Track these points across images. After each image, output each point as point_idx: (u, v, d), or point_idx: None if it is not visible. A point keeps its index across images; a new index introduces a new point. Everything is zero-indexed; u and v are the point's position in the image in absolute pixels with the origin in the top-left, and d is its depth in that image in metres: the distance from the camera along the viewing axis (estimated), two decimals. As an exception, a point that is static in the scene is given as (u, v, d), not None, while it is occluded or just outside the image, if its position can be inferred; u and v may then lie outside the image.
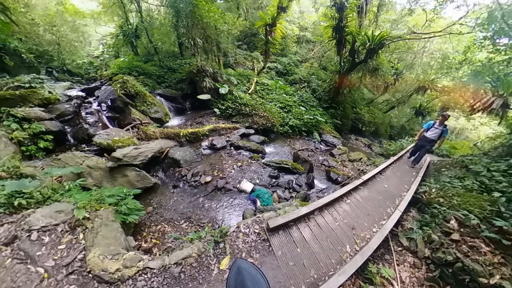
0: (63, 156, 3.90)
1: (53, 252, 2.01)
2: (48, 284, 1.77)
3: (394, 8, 14.07)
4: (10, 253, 1.90)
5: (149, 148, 4.83)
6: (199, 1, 7.41)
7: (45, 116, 4.30)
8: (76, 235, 2.29)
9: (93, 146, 4.58)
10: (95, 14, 11.53)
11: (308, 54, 16.60)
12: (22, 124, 3.86)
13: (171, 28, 9.09)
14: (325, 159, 6.64)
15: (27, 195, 2.52)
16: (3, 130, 3.59)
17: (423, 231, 2.98)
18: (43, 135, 4.00)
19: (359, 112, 12.27)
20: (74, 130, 4.84)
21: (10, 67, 5.42)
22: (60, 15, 9.61)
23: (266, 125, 7.54)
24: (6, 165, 2.89)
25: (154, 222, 3.66)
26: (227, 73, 9.28)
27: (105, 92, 6.25)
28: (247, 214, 3.53)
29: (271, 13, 9.26)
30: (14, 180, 2.76)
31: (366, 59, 8.84)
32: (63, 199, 2.74)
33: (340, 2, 8.15)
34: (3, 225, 2.11)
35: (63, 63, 9.11)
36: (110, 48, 11.90)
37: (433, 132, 5.03)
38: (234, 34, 10.99)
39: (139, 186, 4.13)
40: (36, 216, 2.28)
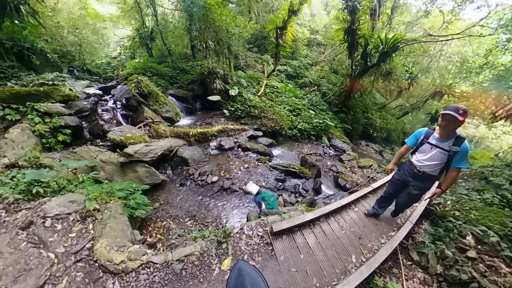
0: (79, 149, 4.11)
1: (64, 239, 2.10)
2: (57, 269, 1.85)
3: (409, 10, 13.55)
4: (26, 237, 2.02)
5: (159, 146, 4.97)
6: (211, 6, 7.62)
7: (65, 111, 4.58)
8: (86, 225, 2.38)
9: (107, 142, 4.78)
10: (114, 17, 12.28)
11: (318, 57, 16.46)
12: (44, 118, 4.13)
13: (184, 31, 9.42)
14: (334, 165, 6.49)
15: (45, 184, 2.67)
16: (27, 123, 3.85)
17: (436, 246, 2.80)
18: (62, 129, 4.24)
19: (370, 117, 11.91)
20: (90, 126, 5.10)
21: (36, 65, 5.85)
22: (83, 19, 10.34)
23: (275, 128, 7.52)
24: (27, 155, 3.10)
25: (160, 218, 3.73)
26: (237, 75, 9.40)
27: (121, 91, 6.54)
28: (252, 216, 3.51)
29: (282, 17, 9.31)
30: (34, 169, 2.94)
31: (379, 63, 8.62)
32: (76, 190, 2.87)
33: (352, 4, 8.05)
34: (21, 211, 2.24)
35: (83, 63, 9.70)
36: (126, 50, 12.57)
37: (430, 154, 2.19)
38: (245, 37, 11.12)
39: (148, 182, 4.24)
40: (51, 204, 2.41)
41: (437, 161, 2.13)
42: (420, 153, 2.29)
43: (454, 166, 2.05)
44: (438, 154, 2.10)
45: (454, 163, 2.03)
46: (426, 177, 2.31)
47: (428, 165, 2.22)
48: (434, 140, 2.13)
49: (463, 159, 2.00)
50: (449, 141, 2.01)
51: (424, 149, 2.23)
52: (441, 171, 2.20)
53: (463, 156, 1.98)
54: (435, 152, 2.12)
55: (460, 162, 2.01)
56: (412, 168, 2.40)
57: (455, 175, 2.11)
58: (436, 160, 2.13)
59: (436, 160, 2.13)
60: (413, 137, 2.40)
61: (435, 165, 2.17)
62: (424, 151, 2.24)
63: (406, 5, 12.97)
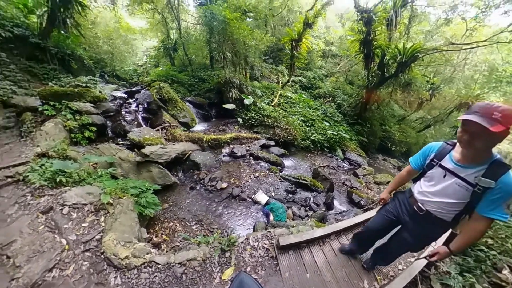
0: (101, 146, 4.40)
1: (77, 228, 2.19)
2: (67, 255, 1.92)
3: (427, 19, 13.06)
4: (44, 221, 2.15)
5: (174, 149, 5.14)
6: (231, 20, 8.10)
7: (93, 111, 4.97)
8: (99, 217, 2.47)
9: (126, 141, 5.06)
10: (143, 30, 13.69)
11: (333, 68, 16.39)
12: (75, 115, 4.53)
13: (204, 43, 10.07)
14: (348, 179, 6.20)
15: (68, 174, 2.87)
16: (60, 118, 4.27)
17: (464, 279, 2.45)
18: (89, 127, 4.59)
19: (388, 130, 11.30)
20: (113, 125, 5.46)
21: (74, 69, 6.58)
22: (116, 31, 11.72)
23: (287, 138, 7.46)
24: (57, 147, 3.40)
25: (167, 219, 3.76)
26: (253, 85, 9.66)
27: (143, 95, 7.01)
28: (258, 227, 3.41)
29: (297, 29, 9.57)
30: (60, 160, 3.19)
31: (397, 73, 8.33)
32: (94, 183, 3.03)
33: (367, 16, 8.03)
34: (44, 196, 2.41)
35: (113, 69, 10.74)
36: (152, 59, 13.72)
37: (442, 185, 1.32)
38: (261, 49, 11.59)
39: (160, 183, 4.35)
40: (71, 193, 2.56)
41: (452, 198, 1.25)
42: (426, 181, 1.42)
43: (482, 213, 1.15)
44: (455, 188, 1.23)
45: (482, 207, 1.15)
46: (431, 221, 1.39)
47: (437, 203, 1.34)
48: (451, 164, 1.27)
49: (500, 203, 1.11)
50: (477, 167, 1.16)
51: (434, 176, 1.36)
52: (457, 215, 1.30)
53: (502, 198, 1.10)
54: (450, 183, 1.25)
55: (495, 208, 1.12)
56: (412, 203, 1.51)
57: (481, 228, 1.18)
58: (451, 197, 1.26)
59: (451, 196, 1.26)
60: (420, 155, 1.54)
61: (449, 204, 1.28)
62: (432, 178, 1.37)
63: (425, 14, 12.57)
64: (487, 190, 1.12)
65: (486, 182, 1.11)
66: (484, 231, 1.20)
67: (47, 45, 5.95)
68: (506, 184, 1.08)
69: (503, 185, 1.08)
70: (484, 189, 1.12)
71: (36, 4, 6.42)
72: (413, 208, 1.50)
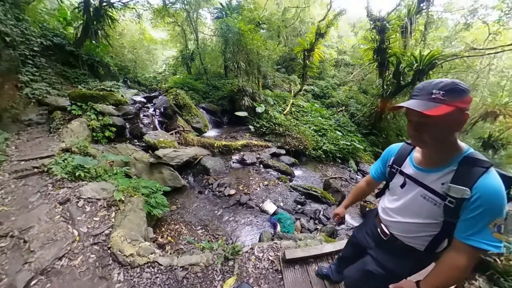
0: (119, 146, 4.64)
1: (89, 221, 2.27)
2: (77, 246, 1.98)
3: (445, 25, 12.60)
4: (61, 211, 2.27)
5: (186, 152, 5.27)
6: (245, 31, 8.48)
7: (114, 113, 5.32)
8: (110, 213, 2.55)
9: (142, 143, 5.29)
10: (164, 41, 14.90)
11: (346, 77, 16.18)
12: (98, 116, 4.87)
13: (219, 53, 10.56)
14: (361, 193, 5.89)
15: (86, 170, 3.05)
16: (85, 118, 4.63)
17: None
18: (109, 127, 4.90)
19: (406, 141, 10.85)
20: (132, 127, 5.76)
21: (101, 75, 7.22)
22: (140, 41, 12.90)
23: (298, 147, 7.36)
24: (79, 143, 3.68)
25: (174, 221, 3.78)
26: (265, 94, 9.81)
27: (161, 101, 7.38)
28: (265, 237, 3.30)
29: (309, 39, 9.72)
30: (81, 156, 3.41)
31: (414, 81, 7.97)
32: (109, 180, 3.17)
33: (381, 24, 7.97)
34: (63, 188, 2.57)
35: (135, 76, 11.53)
36: (170, 67, 14.67)
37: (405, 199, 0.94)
38: (274, 58, 11.84)
39: (170, 185, 4.44)
40: (87, 188, 2.69)
41: (420, 217, 0.89)
42: (390, 195, 1.07)
43: (460, 239, 0.78)
44: (420, 202, 0.88)
45: (459, 230, 0.78)
46: (398, 249, 1.01)
47: (402, 225, 0.97)
48: (412, 168, 0.94)
49: (483, 222, 0.73)
50: (443, 170, 0.82)
51: (395, 187, 1.01)
52: (433, 243, 0.90)
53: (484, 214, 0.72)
54: (414, 196, 0.90)
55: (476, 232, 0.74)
56: (377, 224, 1.14)
57: (459, 263, 0.78)
58: (419, 216, 0.89)
59: (418, 215, 0.89)
60: (380, 162, 1.23)
61: (417, 226, 0.91)
62: (395, 190, 1.02)
63: (442, 20, 12.16)
64: (462, 202, 0.74)
65: (456, 190, 0.74)
66: (465, 267, 0.76)
67: (79, 53, 6.65)
68: (486, 191, 0.70)
69: (481, 193, 0.70)
70: (459, 202, 0.75)
71: (73, 18, 7.36)
72: (377, 230, 1.10)
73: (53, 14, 7.33)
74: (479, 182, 0.72)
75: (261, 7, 13.69)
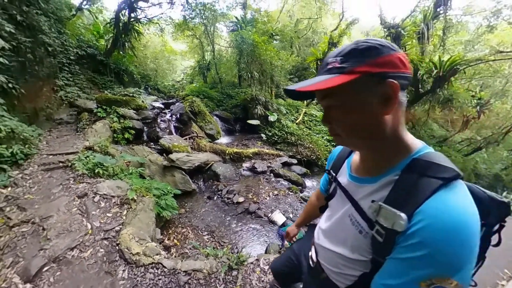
0: (136, 147, 4.89)
1: (102, 216, 2.36)
2: (88, 239, 2.05)
3: (465, 28, 11.98)
4: (78, 204, 2.40)
5: (198, 158, 5.37)
6: (259, 43, 8.85)
7: (134, 117, 5.66)
8: (122, 210, 2.63)
9: (158, 146, 5.52)
10: (183, 52, 16.13)
11: None
12: (120, 119, 5.23)
13: (234, 64, 11.05)
14: (377, 207, 5.54)
15: (105, 168, 3.23)
16: (108, 120, 5.00)
17: None
18: (129, 130, 5.21)
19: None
20: (149, 131, 6.06)
21: (125, 82, 7.96)
22: (162, 53, 14.19)
23: (310, 157, 7.20)
24: (101, 143, 3.95)
25: (181, 224, 3.79)
26: (278, 103, 9.92)
27: (177, 107, 7.74)
28: (272, 249, 3.18)
29: (322, 49, 9.85)
30: (101, 154, 3.64)
31: (434, 89, 7.64)
32: (124, 179, 3.31)
33: (395, 31, 7.84)
34: (83, 183, 2.74)
35: (156, 83, 12.40)
36: (188, 76, 15.67)
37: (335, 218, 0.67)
38: (287, 68, 12.12)
39: (181, 188, 4.51)
40: (104, 185, 2.82)
41: (345, 246, 0.61)
42: (327, 211, 0.80)
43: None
44: (346, 225, 0.61)
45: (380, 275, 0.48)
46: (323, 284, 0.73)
47: (328, 253, 0.69)
48: (346, 177, 0.68)
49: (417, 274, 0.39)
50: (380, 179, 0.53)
51: (332, 201, 0.76)
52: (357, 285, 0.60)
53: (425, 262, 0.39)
54: (341, 215, 0.64)
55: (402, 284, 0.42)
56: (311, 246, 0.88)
57: None
58: (344, 244, 0.62)
59: (343, 242, 0.62)
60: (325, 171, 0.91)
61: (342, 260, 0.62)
62: (331, 206, 0.77)
63: (461, 24, 11.55)
64: (396, 235, 0.45)
65: (387, 214, 0.46)
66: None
67: (108, 62, 7.43)
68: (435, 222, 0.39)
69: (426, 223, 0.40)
70: (390, 234, 0.46)
71: (105, 31, 8.35)
72: (309, 254, 0.85)
73: (89, 28, 8.37)
74: (427, 204, 0.41)
75: (274, 20, 14.35)
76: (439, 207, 0.40)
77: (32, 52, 4.22)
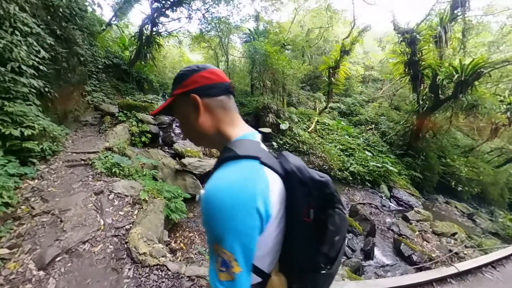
0: (151, 150, 5.11)
1: (115, 214, 2.46)
2: (100, 234, 2.13)
3: (487, 29, 11.19)
4: (94, 201, 2.55)
5: (209, 163, 5.44)
6: (271, 53, 9.05)
7: (152, 121, 5.99)
8: (133, 210, 2.73)
9: (171, 150, 5.72)
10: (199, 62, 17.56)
11: (375, 93, 15.38)
12: (138, 123, 5.58)
13: (247, 73, 11.37)
14: (395, 223, 5.14)
15: (121, 168, 3.42)
16: (128, 124, 5.36)
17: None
18: (146, 133, 5.51)
19: (450, 163, 9.04)
20: (164, 135, 6.33)
21: (145, 89, 8.55)
22: (179, 63, 15.24)
23: (323, 167, 7.00)
24: (120, 145, 4.20)
25: (189, 228, 3.80)
26: (289, 111, 9.89)
27: (192, 113, 8.09)
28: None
29: (334, 57, 9.75)
30: (119, 155, 3.87)
31: (456, 95, 7.09)
32: (138, 180, 3.45)
33: (410, 36, 7.51)
34: (100, 181, 2.92)
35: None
36: None
37: None
38: (299, 77, 12.18)
39: (191, 192, 4.56)
40: (119, 184, 2.96)
41: None
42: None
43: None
44: None
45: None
46: None
47: None
48: None
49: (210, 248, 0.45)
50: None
51: None
52: None
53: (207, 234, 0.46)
54: None
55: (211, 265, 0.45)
56: None
57: None
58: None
59: None
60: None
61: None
62: None
63: (483, 24, 10.81)
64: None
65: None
66: None
67: (131, 71, 8.09)
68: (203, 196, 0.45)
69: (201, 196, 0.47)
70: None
71: (130, 44, 9.22)
72: None
73: (116, 41, 9.30)
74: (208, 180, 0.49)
75: (285, 30, 14.70)
76: (209, 182, 0.47)
77: (67, 61, 4.75)
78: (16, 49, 2.91)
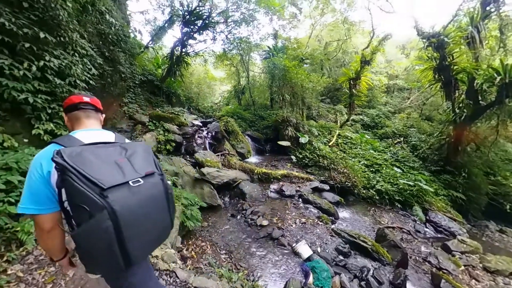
0: (174, 158, 5.49)
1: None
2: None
3: None
4: None
5: (227, 174, 5.54)
6: (290, 67, 9.28)
7: (177, 131, 6.47)
8: (152, 213, 2.83)
9: (192, 159, 6.01)
10: (221, 78, 18.51)
11: (402, 103, 14.33)
12: (165, 132, 6.10)
13: (266, 87, 11.81)
14: (433, 254, 4.35)
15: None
16: (156, 133, 5.92)
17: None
18: (170, 142, 5.98)
19: (502, 182, 7.61)
20: (187, 145, 6.72)
21: (173, 102, 9.59)
22: (204, 79, 16.53)
23: (345, 184, 6.50)
24: None
25: (202, 237, 3.79)
26: (309, 125, 9.75)
27: (213, 126, 8.41)
28: (292, 285, 2.82)
29: (354, 68, 9.54)
30: None
31: (500, 100, 6.13)
32: (159, 185, 3.64)
33: (437, 40, 6.91)
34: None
35: (197, 104, 14.20)
36: (224, 99, 17.62)
37: None
38: (318, 90, 12.19)
39: (207, 201, 4.65)
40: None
41: None
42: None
43: None
44: None
45: None
46: None
47: None
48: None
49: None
50: None
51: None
52: None
53: None
54: None
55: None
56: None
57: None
58: None
59: None
60: None
61: None
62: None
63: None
64: None
65: None
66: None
67: (162, 86, 9.15)
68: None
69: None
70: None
71: (162, 63, 10.57)
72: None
73: (151, 60, 10.72)
74: None
75: (303, 45, 15.04)
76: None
77: (111, 77, 5.63)
78: (74, 67, 3.54)
